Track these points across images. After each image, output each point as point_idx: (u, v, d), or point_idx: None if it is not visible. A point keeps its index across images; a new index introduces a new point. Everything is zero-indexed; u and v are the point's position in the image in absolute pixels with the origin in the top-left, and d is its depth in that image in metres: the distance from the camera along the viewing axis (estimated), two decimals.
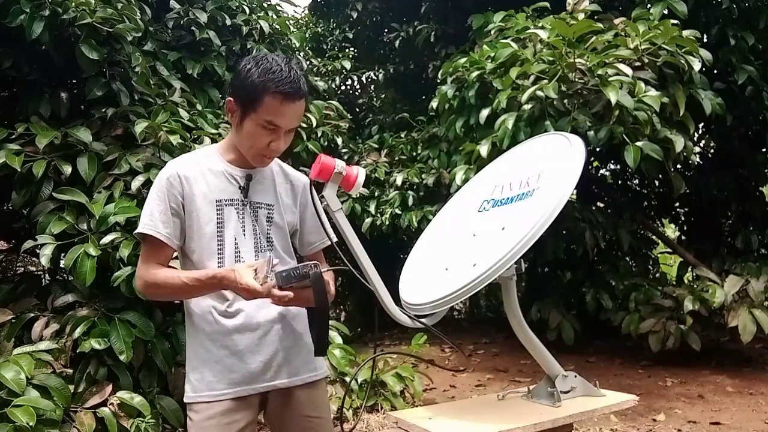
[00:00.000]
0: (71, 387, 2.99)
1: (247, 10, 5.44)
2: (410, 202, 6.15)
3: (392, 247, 7.24)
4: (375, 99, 8.63)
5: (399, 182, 6.24)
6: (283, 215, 1.74)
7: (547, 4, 5.11)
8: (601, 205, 6.91)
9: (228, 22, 5.18)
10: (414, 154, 6.64)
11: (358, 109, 8.43)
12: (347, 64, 7.77)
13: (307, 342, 1.71)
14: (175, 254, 1.70)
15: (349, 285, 8.19)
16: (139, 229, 1.63)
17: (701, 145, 7.08)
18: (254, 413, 1.68)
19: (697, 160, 6.72)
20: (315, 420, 1.73)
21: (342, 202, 1.79)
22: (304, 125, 5.05)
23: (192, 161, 1.68)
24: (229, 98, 1.63)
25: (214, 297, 1.64)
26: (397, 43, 7.58)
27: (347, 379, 4.07)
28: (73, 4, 3.47)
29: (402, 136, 6.94)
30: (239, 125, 1.61)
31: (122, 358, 3.07)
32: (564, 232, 5.53)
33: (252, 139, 1.60)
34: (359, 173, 1.63)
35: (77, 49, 3.48)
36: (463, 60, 5.10)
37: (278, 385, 1.67)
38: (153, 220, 1.61)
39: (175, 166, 1.66)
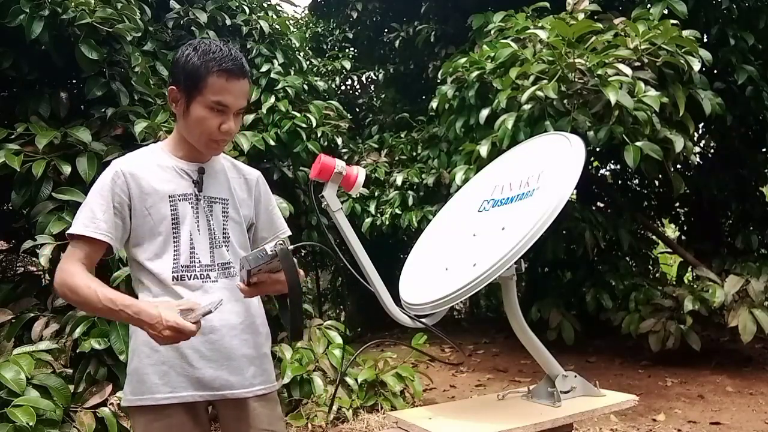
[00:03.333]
0: (71, 387, 2.99)
1: (247, 10, 5.44)
2: (410, 202, 6.15)
3: (392, 247, 7.24)
4: (375, 99, 8.63)
5: (399, 182, 6.24)
6: (239, 209, 1.67)
7: (547, 4, 5.11)
8: (601, 205, 6.91)
9: (228, 22, 5.18)
10: (414, 154, 6.64)
11: (358, 109, 8.43)
12: (347, 64, 7.77)
13: (265, 353, 1.66)
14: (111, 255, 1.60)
15: (349, 285, 8.20)
16: (76, 230, 1.50)
17: (701, 145, 7.08)
18: (203, 424, 1.59)
19: (697, 160, 6.72)
20: None
21: (342, 202, 1.79)
22: (304, 125, 5.05)
23: (137, 158, 1.61)
24: (171, 87, 1.57)
25: (167, 293, 1.54)
26: (397, 43, 7.58)
27: (348, 379, 4.07)
28: (73, 4, 3.47)
29: (402, 136, 6.94)
30: (186, 112, 1.54)
31: (122, 358, 3.07)
32: (564, 232, 5.53)
33: (202, 124, 1.53)
34: (359, 173, 1.63)
35: (77, 49, 3.48)
36: (463, 60, 5.10)
37: (228, 395, 1.57)
38: (95, 221, 1.50)
39: (119, 164, 1.57)
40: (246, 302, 1.63)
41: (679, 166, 5.96)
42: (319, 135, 5.30)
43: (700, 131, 6.56)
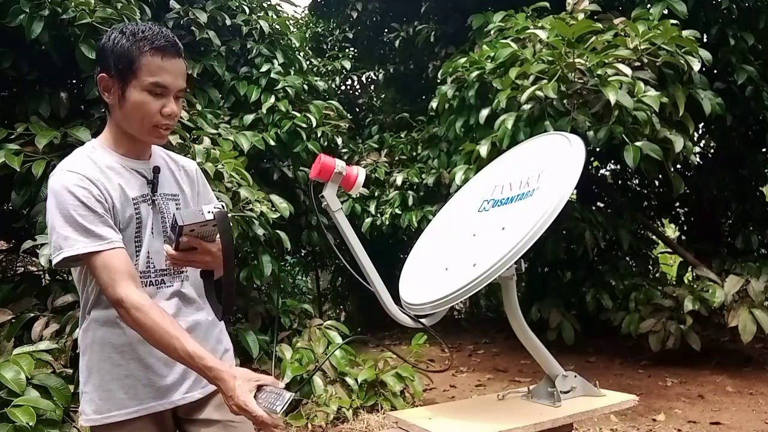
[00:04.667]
0: (71, 387, 2.99)
1: (247, 10, 5.44)
2: (410, 202, 6.15)
3: (392, 247, 7.24)
4: (375, 99, 8.63)
5: (399, 182, 6.24)
6: (190, 203, 1.61)
7: (547, 4, 5.11)
8: (601, 205, 6.91)
9: (228, 22, 5.17)
10: (414, 154, 6.64)
11: (358, 109, 8.43)
12: (347, 64, 7.77)
13: (226, 348, 1.66)
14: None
15: (349, 285, 8.20)
16: (78, 250, 1.37)
17: (701, 145, 7.08)
18: (169, 430, 1.56)
19: (697, 160, 6.71)
20: (238, 424, 1.56)
21: (342, 202, 1.79)
22: (304, 125, 5.05)
23: (85, 162, 1.47)
24: (101, 75, 1.45)
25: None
26: (397, 43, 7.58)
27: (347, 379, 4.07)
28: (73, 4, 3.47)
29: (402, 136, 6.94)
30: (122, 100, 1.43)
31: None
32: (564, 232, 5.53)
33: (141, 109, 1.42)
34: (359, 173, 1.63)
35: (77, 49, 3.48)
36: (463, 60, 5.10)
37: (191, 398, 1.54)
38: (93, 235, 1.38)
39: (75, 169, 1.43)
40: (201, 302, 1.58)
41: (679, 166, 5.96)
42: (319, 135, 5.30)
43: (700, 131, 6.56)
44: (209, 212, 1.35)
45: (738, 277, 4.73)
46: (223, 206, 1.39)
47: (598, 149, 5.54)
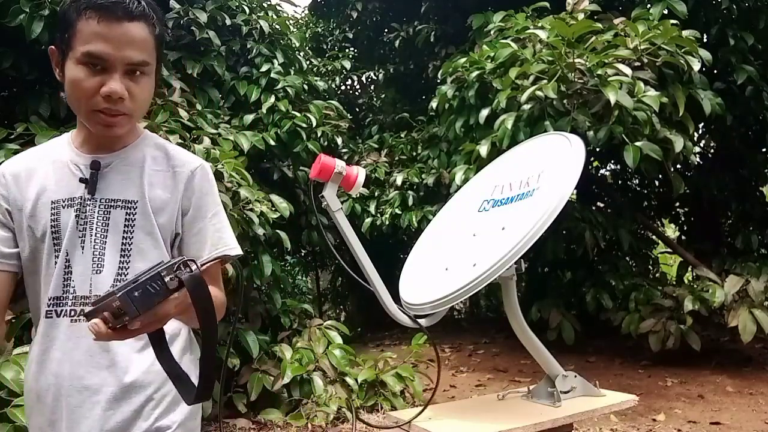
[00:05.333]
0: None
1: (247, 10, 5.44)
2: (410, 202, 6.15)
3: (392, 247, 7.24)
4: (375, 99, 8.63)
5: (399, 182, 6.24)
6: (152, 216, 1.20)
7: (547, 4, 5.11)
8: (601, 205, 6.91)
9: (228, 21, 5.17)
10: (414, 154, 6.65)
11: (358, 109, 8.43)
12: (347, 64, 7.77)
13: (153, 413, 1.19)
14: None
15: (349, 285, 8.20)
16: None
17: (701, 145, 7.08)
18: None
19: (697, 160, 6.71)
20: None
21: (342, 202, 1.79)
22: (304, 125, 5.05)
23: (35, 155, 1.25)
24: (51, 48, 1.18)
25: (41, 336, 1.18)
26: (397, 43, 7.58)
27: (348, 379, 4.07)
28: None
29: (402, 136, 6.94)
30: (62, 76, 1.15)
31: None
32: (564, 232, 5.53)
33: (75, 88, 1.11)
34: (359, 173, 1.63)
35: None
36: (463, 60, 5.10)
37: None
38: None
39: (4, 164, 1.24)
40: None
41: (679, 166, 5.96)
42: (319, 135, 5.30)
43: (700, 131, 6.56)
44: (173, 278, 0.90)
45: (738, 277, 4.73)
46: (187, 260, 0.92)
47: (598, 149, 5.54)
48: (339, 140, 5.60)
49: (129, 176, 1.22)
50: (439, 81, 5.63)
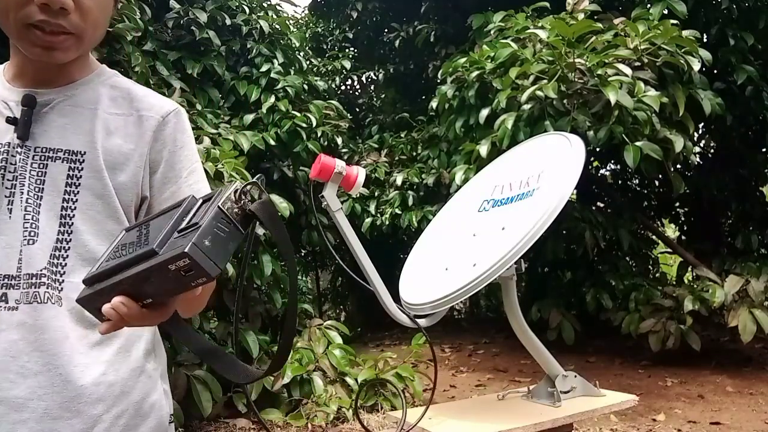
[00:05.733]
0: None
1: (247, 10, 5.45)
2: (410, 202, 6.15)
3: (392, 247, 7.25)
4: (375, 99, 8.64)
5: (399, 182, 6.24)
6: (105, 173, 0.92)
7: (547, 4, 5.11)
8: (601, 205, 6.91)
9: (228, 21, 5.18)
10: (414, 154, 6.65)
11: (358, 109, 8.44)
12: (347, 64, 7.78)
13: None
14: None
15: (349, 285, 8.20)
16: None
17: (701, 145, 7.08)
18: None
19: (697, 160, 6.71)
20: None
21: (342, 202, 1.79)
22: (304, 125, 5.05)
23: None
24: None
25: None
26: (397, 43, 7.59)
27: (348, 379, 4.08)
28: None
29: (402, 136, 6.94)
30: None
31: None
32: (564, 232, 5.53)
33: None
34: (359, 173, 1.63)
35: None
36: (463, 60, 5.10)
37: None
38: None
39: None
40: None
41: (679, 166, 5.96)
42: (319, 135, 5.30)
43: (700, 131, 6.56)
44: (235, 210, 0.66)
45: (738, 277, 4.73)
46: (259, 182, 0.71)
47: (598, 149, 5.55)
48: (339, 140, 5.60)
49: (76, 120, 0.94)
50: (439, 81, 5.63)
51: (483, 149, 4.44)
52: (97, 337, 0.87)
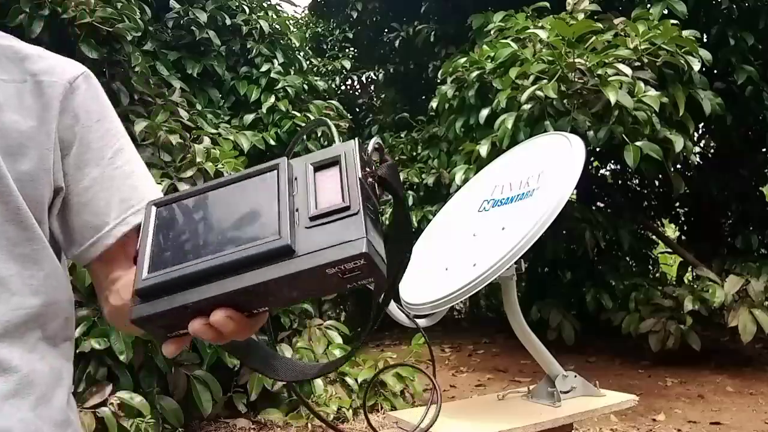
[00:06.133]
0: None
1: (247, 10, 5.45)
2: (410, 202, 6.15)
3: None
4: (375, 99, 8.64)
5: None
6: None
7: (547, 4, 5.11)
8: (601, 205, 6.91)
9: (228, 21, 5.18)
10: (414, 154, 6.65)
11: (358, 109, 8.44)
12: (347, 64, 7.78)
13: None
14: None
15: None
16: None
17: (701, 145, 7.08)
18: None
19: (697, 160, 6.71)
20: None
21: None
22: (304, 125, 5.05)
23: None
24: None
25: None
26: (397, 43, 7.59)
27: (347, 379, 4.07)
28: (73, 3, 3.47)
29: (402, 136, 6.94)
30: None
31: (122, 358, 3.07)
32: (564, 232, 5.53)
33: None
34: None
35: (77, 49, 3.48)
36: (463, 60, 5.10)
37: None
38: None
39: None
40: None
41: (679, 166, 5.95)
42: (319, 135, 5.30)
43: (700, 131, 6.56)
44: (371, 179, 0.55)
45: (738, 277, 4.73)
46: (379, 142, 0.60)
47: (598, 149, 5.54)
48: (339, 140, 5.60)
49: None
50: (439, 81, 5.63)
51: (483, 149, 4.44)
52: (9, 387, 0.65)
